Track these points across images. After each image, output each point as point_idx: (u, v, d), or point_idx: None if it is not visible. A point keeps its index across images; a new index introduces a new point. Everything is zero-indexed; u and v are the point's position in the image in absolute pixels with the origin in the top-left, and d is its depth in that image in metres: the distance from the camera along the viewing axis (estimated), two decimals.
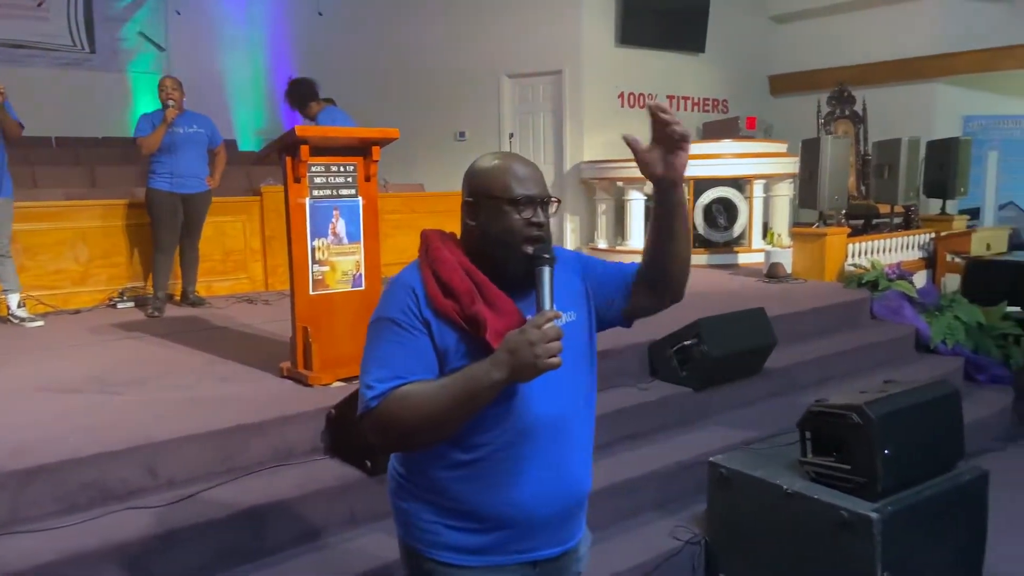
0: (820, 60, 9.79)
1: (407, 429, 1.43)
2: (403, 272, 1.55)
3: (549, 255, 1.46)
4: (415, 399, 1.41)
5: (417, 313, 1.46)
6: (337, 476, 2.88)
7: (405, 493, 1.57)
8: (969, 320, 5.37)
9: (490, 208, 1.50)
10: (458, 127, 9.12)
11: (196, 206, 5.55)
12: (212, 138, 5.60)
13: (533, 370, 1.35)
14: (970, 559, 2.88)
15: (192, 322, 5.09)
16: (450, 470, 1.49)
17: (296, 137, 3.35)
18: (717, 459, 3.03)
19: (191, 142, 5.43)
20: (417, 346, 1.45)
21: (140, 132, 5.31)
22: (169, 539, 2.46)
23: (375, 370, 1.46)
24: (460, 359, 1.45)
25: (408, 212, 6.90)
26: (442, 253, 1.51)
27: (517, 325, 1.44)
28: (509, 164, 1.52)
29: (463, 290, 1.46)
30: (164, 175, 5.36)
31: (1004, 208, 9.26)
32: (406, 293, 1.48)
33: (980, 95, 9.23)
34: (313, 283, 3.50)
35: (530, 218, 1.48)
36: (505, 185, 1.49)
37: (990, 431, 4.62)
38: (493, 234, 1.49)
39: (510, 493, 1.49)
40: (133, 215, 5.77)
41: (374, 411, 1.44)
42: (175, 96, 5.30)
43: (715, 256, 7.51)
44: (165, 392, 3.41)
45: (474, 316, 1.44)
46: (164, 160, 5.34)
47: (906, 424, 2.67)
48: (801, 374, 4.49)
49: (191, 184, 5.46)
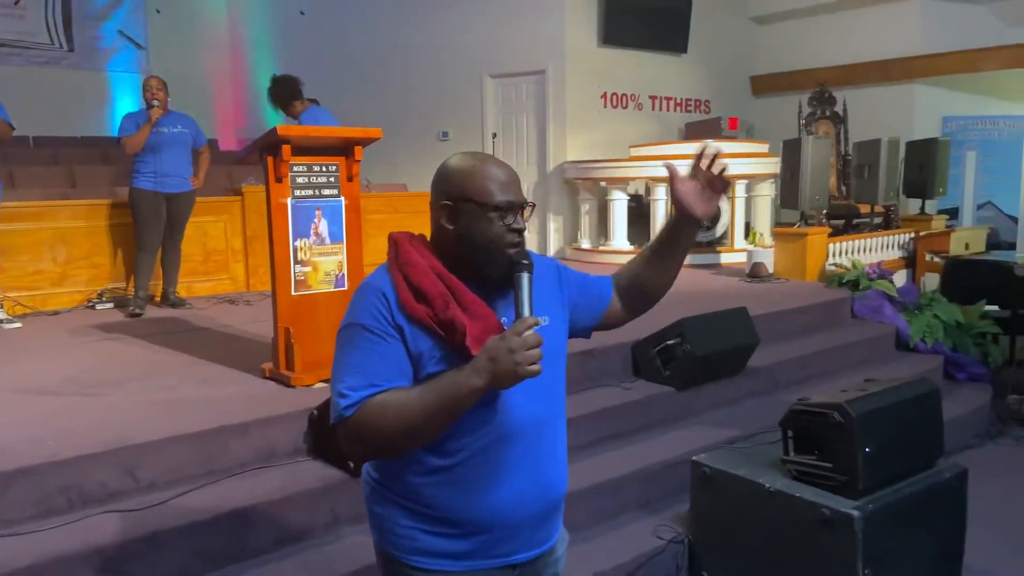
0: (801, 61, 9.86)
1: (384, 438, 1.42)
2: (372, 276, 1.52)
3: (528, 261, 1.46)
4: (392, 407, 1.40)
5: (389, 319, 1.44)
6: (320, 477, 2.86)
7: (380, 498, 1.55)
8: (948, 319, 5.43)
9: (471, 213, 1.47)
10: (441, 127, 9.11)
11: (180, 206, 5.52)
12: (196, 138, 5.58)
13: (514, 377, 1.36)
14: (950, 555, 2.91)
15: (173, 323, 5.05)
16: (426, 475, 1.47)
17: (278, 137, 3.33)
18: (700, 458, 3.04)
19: (175, 142, 5.41)
20: (391, 352, 1.43)
21: (124, 132, 5.28)
22: (150, 542, 2.44)
23: (348, 378, 1.43)
24: (435, 364, 1.44)
25: (391, 212, 6.88)
26: (412, 256, 1.48)
27: (493, 329, 1.43)
28: (489, 168, 1.50)
29: (436, 294, 1.44)
30: (148, 174, 5.34)
31: (982, 208, 9.37)
32: (377, 298, 1.46)
33: (959, 96, 9.33)
34: (295, 283, 3.48)
35: (511, 224, 1.48)
36: (487, 190, 1.47)
37: (969, 429, 4.67)
38: (477, 240, 1.47)
39: (487, 497, 1.47)
40: (114, 215, 5.72)
41: (349, 420, 1.42)
42: (160, 96, 5.28)
43: (698, 256, 7.54)
44: (145, 393, 3.38)
45: (450, 321, 1.42)
46: (148, 160, 5.32)
47: (887, 422, 2.69)
48: (783, 373, 4.52)
49: (175, 183, 5.43)
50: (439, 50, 8.92)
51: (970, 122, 9.35)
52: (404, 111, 8.98)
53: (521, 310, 1.42)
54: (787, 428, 2.82)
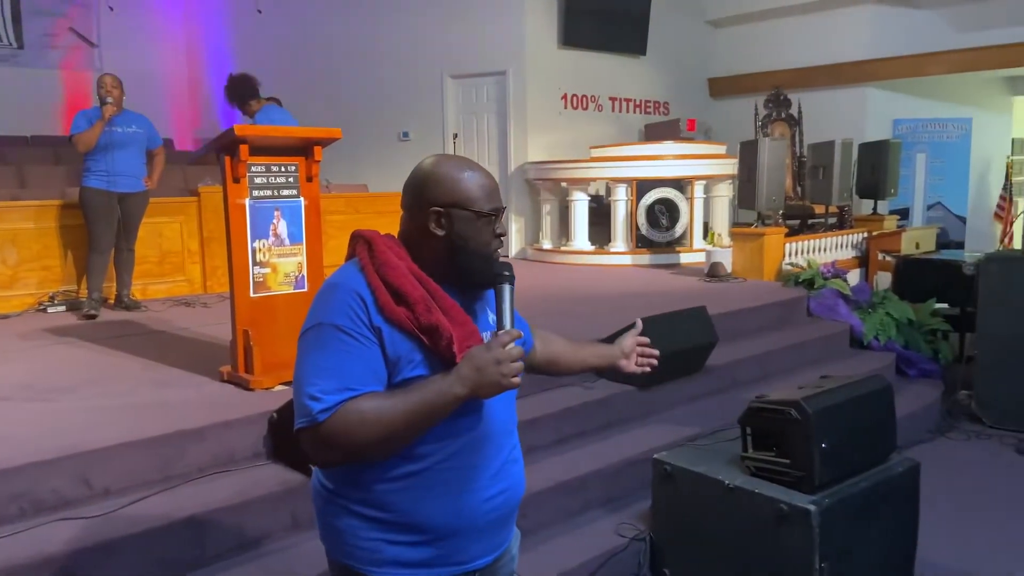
0: (756, 64, 10.03)
1: (358, 444, 1.37)
2: (342, 275, 1.47)
3: (509, 272, 1.47)
4: (369, 413, 1.36)
5: (366, 320, 1.39)
6: (280, 481, 2.82)
7: (337, 509, 1.49)
8: (900, 317, 5.56)
9: (464, 220, 1.46)
10: (402, 127, 9.06)
11: (133, 206, 5.42)
12: (151, 139, 5.49)
13: (497, 388, 1.38)
14: (903, 547, 2.98)
15: (127, 326, 4.95)
16: (393, 481, 1.44)
17: (235, 136, 3.28)
18: (661, 456, 3.07)
19: (129, 142, 5.32)
20: (366, 355, 1.39)
21: (76, 129, 5.17)
22: (105, 550, 2.38)
23: (320, 381, 1.37)
24: (412, 369, 1.41)
25: (352, 213, 6.83)
26: (389, 257, 1.45)
27: (472, 334, 1.43)
28: (478, 175, 1.50)
29: (417, 298, 1.41)
30: (100, 173, 5.23)
31: (932, 208, 9.62)
32: (352, 298, 1.41)
33: (909, 99, 9.58)
34: (254, 285, 3.44)
35: (497, 230, 1.50)
36: (480, 198, 1.48)
37: (921, 424, 4.79)
38: (470, 247, 1.46)
39: (455, 503, 1.46)
40: (65, 216, 5.59)
41: (321, 426, 1.36)
42: (114, 94, 5.19)
43: (657, 256, 7.63)
44: (99, 399, 3.30)
45: (434, 327, 1.40)
46: (100, 159, 5.21)
47: (842, 418, 2.74)
48: (741, 371, 4.58)
49: (128, 183, 5.33)
50: (399, 50, 8.88)
51: (919, 124, 9.60)
52: (364, 111, 8.93)
53: (504, 321, 1.44)
54: (746, 425, 2.86)
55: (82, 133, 5.13)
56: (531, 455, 3.41)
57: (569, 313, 4.94)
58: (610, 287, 6.25)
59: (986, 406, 4.92)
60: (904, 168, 8.41)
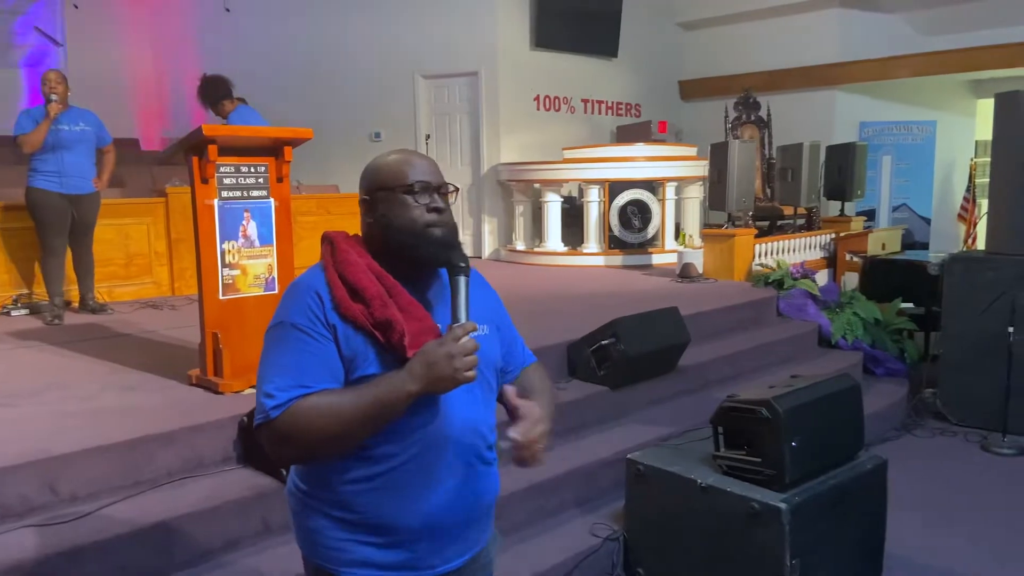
0: (727, 67, 10.12)
1: (312, 441, 1.38)
2: (305, 275, 1.49)
3: (464, 264, 1.45)
4: (323, 410, 1.36)
5: (322, 318, 1.41)
6: (250, 486, 2.79)
7: (310, 511, 1.50)
8: (867, 316, 5.64)
9: (386, 200, 1.47)
10: (374, 128, 9.02)
11: (86, 209, 5.24)
12: (100, 136, 5.30)
13: (451, 383, 1.37)
14: (872, 542, 3.03)
15: (93, 329, 4.86)
16: (359, 482, 1.44)
17: (203, 136, 3.24)
18: (634, 456, 3.09)
19: (78, 140, 5.12)
20: (322, 352, 1.40)
21: (21, 129, 4.95)
22: (72, 557, 2.34)
23: (276, 378, 1.39)
24: (368, 366, 1.41)
25: (323, 214, 6.78)
26: (349, 256, 1.46)
27: (430, 330, 1.42)
28: (402, 156, 1.51)
29: (373, 293, 1.41)
30: (50, 175, 5.04)
31: (897, 210, 9.79)
32: (310, 297, 1.42)
33: (875, 102, 9.74)
34: (223, 287, 3.39)
35: (427, 203, 1.47)
36: (399, 173, 1.48)
37: (888, 421, 4.87)
38: (395, 225, 1.46)
39: (421, 504, 1.45)
40: (17, 218, 5.40)
41: (275, 422, 1.37)
42: (59, 90, 4.98)
43: (629, 257, 7.66)
44: (65, 403, 3.24)
45: (387, 321, 1.40)
46: (49, 159, 5.02)
47: (811, 417, 2.78)
48: (713, 371, 4.62)
49: (78, 184, 5.15)
50: (371, 50, 8.83)
51: (885, 127, 9.75)
52: (335, 111, 8.87)
53: (458, 313, 1.41)
54: (717, 425, 2.89)
55: (28, 134, 4.92)
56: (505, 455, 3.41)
57: (543, 314, 4.94)
58: (583, 288, 6.27)
59: (951, 404, 5.01)
60: (870, 170, 8.55)
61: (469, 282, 1.45)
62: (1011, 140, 4.82)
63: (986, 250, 5.09)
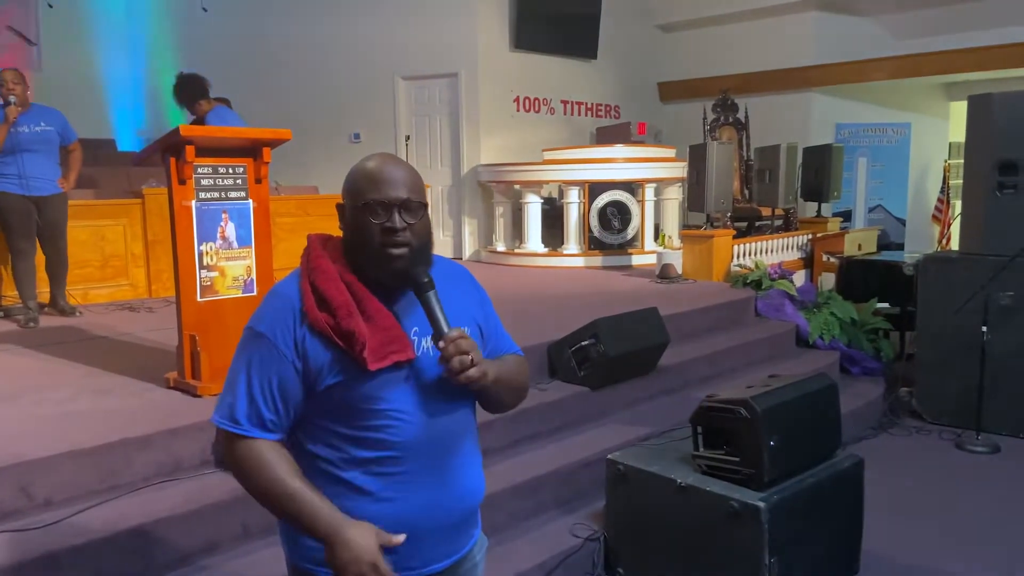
0: (705, 69, 10.18)
1: (242, 479, 1.45)
2: (283, 283, 1.49)
3: (428, 279, 1.43)
4: (259, 473, 1.41)
5: (292, 331, 1.41)
6: (229, 489, 2.76)
7: None
8: (843, 316, 5.70)
9: (351, 214, 1.45)
10: (353, 128, 8.98)
11: (53, 210, 5.12)
12: (64, 135, 5.17)
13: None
14: (849, 540, 3.06)
15: (68, 332, 4.80)
16: (337, 486, 1.44)
17: (180, 137, 3.21)
18: (614, 456, 3.10)
19: (39, 141, 5.00)
20: (284, 373, 1.41)
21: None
22: (48, 563, 2.31)
23: (243, 399, 1.43)
24: (333, 376, 1.41)
25: (302, 215, 6.75)
26: (322, 262, 1.45)
27: (396, 338, 1.42)
28: (372, 166, 1.46)
29: (340, 303, 1.41)
30: (11, 177, 4.92)
31: (873, 211, 9.91)
32: (285, 307, 1.43)
33: (851, 104, 9.84)
34: (201, 289, 3.37)
35: (383, 223, 1.42)
36: (358, 189, 1.44)
37: (864, 420, 4.92)
38: (356, 240, 1.45)
39: (400, 509, 1.45)
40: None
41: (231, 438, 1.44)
42: (16, 91, 4.84)
43: (609, 258, 7.69)
44: (38, 407, 3.20)
45: (350, 332, 1.39)
46: (9, 161, 4.89)
47: (789, 416, 2.80)
48: (692, 371, 4.65)
49: (44, 186, 5.04)
50: (350, 50, 8.80)
51: (861, 129, 9.87)
52: (314, 112, 8.82)
53: (439, 328, 1.42)
54: (697, 424, 2.91)
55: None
56: (485, 458, 3.37)
57: (524, 315, 4.95)
58: (563, 288, 6.29)
59: (926, 402, 5.07)
60: (846, 171, 8.63)
61: (436, 294, 1.44)
62: (983, 142, 4.89)
63: (960, 250, 5.16)
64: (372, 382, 1.41)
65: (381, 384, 1.42)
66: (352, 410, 1.43)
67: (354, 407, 1.43)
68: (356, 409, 1.43)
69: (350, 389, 1.42)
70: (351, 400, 1.42)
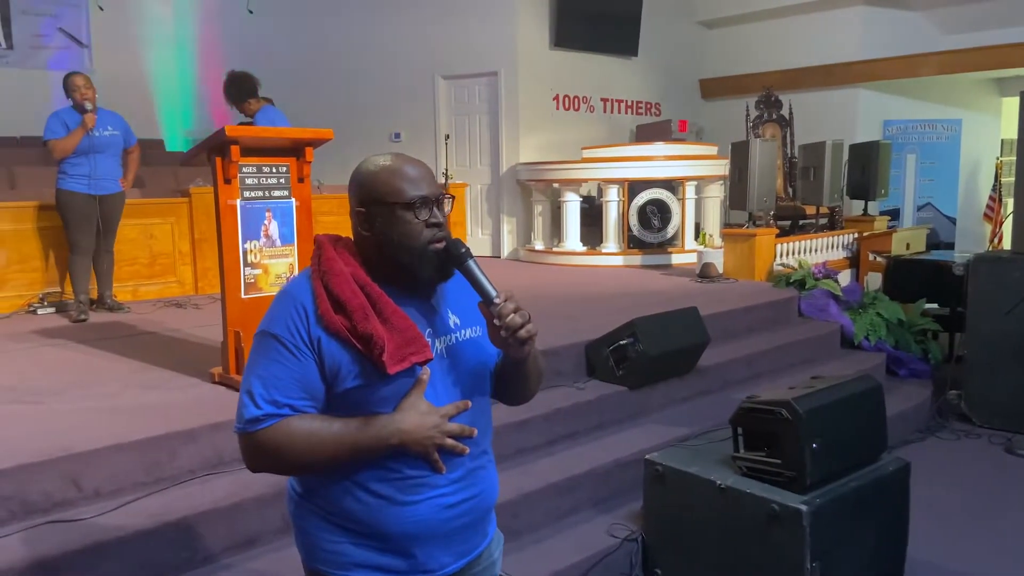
0: (748, 65, 10.05)
1: (285, 462, 1.42)
2: (292, 283, 1.48)
3: (464, 248, 1.45)
4: (300, 436, 1.38)
5: (305, 332, 1.40)
6: (271, 483, 2.80)
7: (305, 512, 1.50)
8: (890, 317, 5.59)
9: (385, 215, 1.43)
10: (394, 128, 9.05)
11: (111, 207, 5.36)
12: (127, 138, 5.44)
13: (424, 452, 1.40)
14: (893, 546, 3.00)
15: (117, 328, 4.92)
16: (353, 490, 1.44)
17: (226, 137, 3.27)
18: (652, 456, 3.08)
19: (108, 145, 5.27)
20: (300, 371, 1.40)
21: (52, 134, 5.07)
22: (95, 552, 2.37)
23: (262, 389, 1.39)
24: (353, 380, 1.41)
25: (343, 214, 6.77)
26: (335, 265, 1.44)
27: (414, 340, 1.41)
28: (397, 166, 1.46)
29: (355, 306, 1.40)
30: (80, 177, 5.16)
31: (922, 209, 9.68)
32: (295, 309, 1.42)
33: (899, 100, 9.63)
34: (245, 286, 3.43)
35: (427, 219, 1.44)
36: (397, 189, 1.43)
37: (911, 423, 4.81)
38: (396, 242, 1.43)
39: (412, 511, 1.44)
40: (46, 217, 5.53)
41: (255, 436, 1.40)
42: (90, 96, 5.10)
43: (649, 257, 7.64)
44: (88, 401, 3.29)
45: (368, 335, 1.38)
46: (82, 163, 5.15)
47: (832, 418, 2.75)
48: (733, 371, 4.59)
49: (106, 185, 5.29)
50: (391, 51, 8.87)
51: (910, 125, 9.64)
52: (356, 112, 8.91)
53: (487, 293, 1.43)
54: (737, 426, 2.87)
55: (60, 140, 5.04)
56: (522, 456, 3.42)
57: (562, 314, 4.94)
58: (602, 288, 6.26)
59: (975, 406, 4.94)
60: (894, 169, 8.45)
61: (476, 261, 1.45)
62: None
63: (1012, 250, 5.02)
64: (390, 385, 1.41)
65: (399, 387, 1.42)
66: (369, 413, 1.43)
67: (371, 410, 1.42)
68: (373, 412, 1.42)
69: (368, 392, 1.42)
70: (368, 403, 1.42)
